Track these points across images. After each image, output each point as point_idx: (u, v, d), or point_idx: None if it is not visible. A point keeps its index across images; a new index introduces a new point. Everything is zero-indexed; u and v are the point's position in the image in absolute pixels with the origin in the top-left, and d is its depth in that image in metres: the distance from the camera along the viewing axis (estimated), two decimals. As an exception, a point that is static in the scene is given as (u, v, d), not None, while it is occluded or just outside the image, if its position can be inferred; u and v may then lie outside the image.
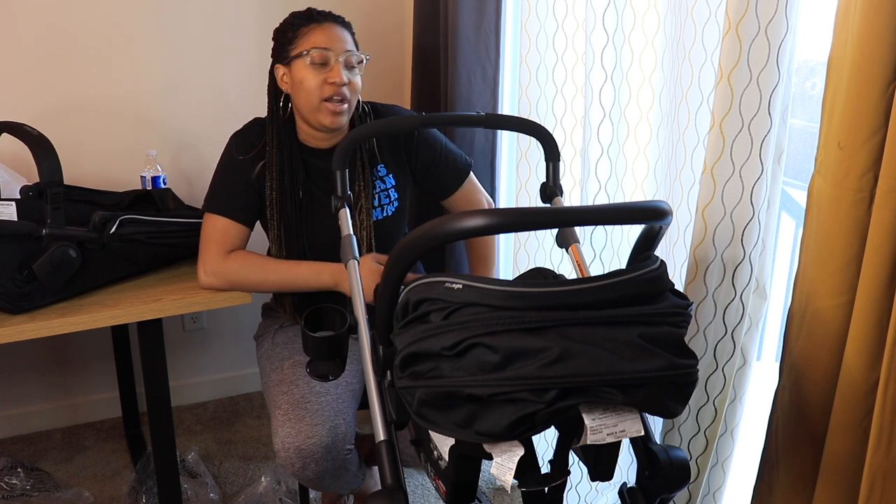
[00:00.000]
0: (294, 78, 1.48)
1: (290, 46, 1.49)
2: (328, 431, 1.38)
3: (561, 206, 1.47)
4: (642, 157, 1.45)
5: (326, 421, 1.39)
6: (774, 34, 1.05)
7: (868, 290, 0.94)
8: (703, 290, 1.23)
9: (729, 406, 1.29)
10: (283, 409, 1.42)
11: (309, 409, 1.40)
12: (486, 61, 1.89)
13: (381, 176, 1.61)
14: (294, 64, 1.48)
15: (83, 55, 2.00)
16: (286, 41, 1.50)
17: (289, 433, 1.38)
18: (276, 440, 1.39)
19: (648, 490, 1.04)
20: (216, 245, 1.52)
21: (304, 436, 1.37)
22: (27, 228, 1.39)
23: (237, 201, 1.54)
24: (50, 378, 2.24)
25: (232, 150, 1.56)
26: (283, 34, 1.52)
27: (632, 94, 1.42)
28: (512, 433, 0.85)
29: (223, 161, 1.58)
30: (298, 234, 1.55)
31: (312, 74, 1.46)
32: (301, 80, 1.47)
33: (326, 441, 1.37)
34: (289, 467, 1.39)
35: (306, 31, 1.48)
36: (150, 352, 1.56)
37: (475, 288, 0.87)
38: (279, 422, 1.40)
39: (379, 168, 1.60)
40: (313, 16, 1.50)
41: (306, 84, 1.46)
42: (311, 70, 1.46)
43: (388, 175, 1.62)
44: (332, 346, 1.14)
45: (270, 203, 1.53)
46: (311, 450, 1.36)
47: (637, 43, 1.38)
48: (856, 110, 0.92)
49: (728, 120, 1.11)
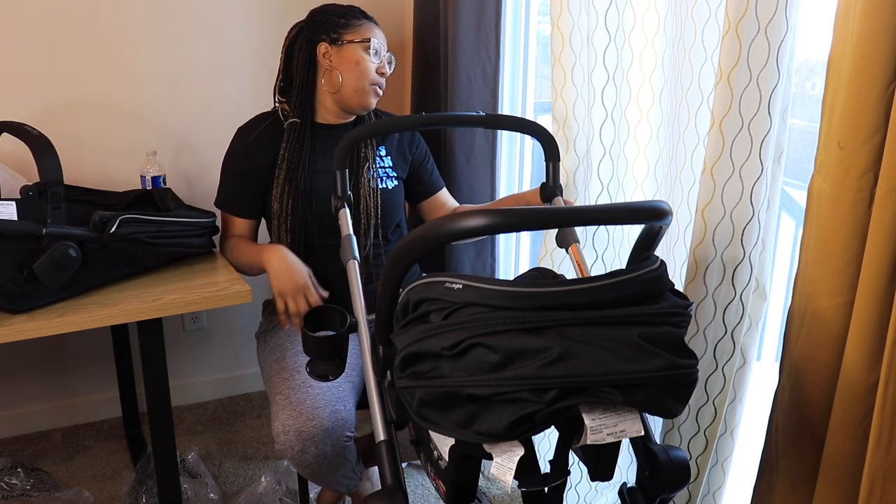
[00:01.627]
0: (346, 58, 1.62)
1: (343, 31, 1.62)
2: (329, 415, 1.38)
3: (561, 206, 1.47)
4: (642, 158, 1.45)
5: (328, 405, 1.40)
6: (774, 34, 1.05)
7: (868, 290, 0.94)
8: (702, 289, 1.23)
9: (729, 406, 1.29)
10: (284, 394, 1.42)
11: (310, 393, 1.41)
12: (486, 61, 1.89)
13: (381, 155, 1.73)
14: (348, 47, 1.62)
15: (83, 55, 2.00)
16: (338, 25, 1.63)
17: (289, 416, 1.38)
18: (276, 424, 1.39)
19: (648, 490, 1.04)
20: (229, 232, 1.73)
21: (304, 418, 1.37)
22: (27, 228, 1.39)
23: (240, 195, 1.69)
24: (50, 378, 2.23)
25: (235, 140, 1.70)
26: (334, 16, 1.64)
27: (632, 95, 1.42)
28: (512, 433, 0.85)
29: (226, 154, 1.71)
30: (305, 197, 1.64)
31: (368, 59, 1.62)
32: (358, 62, 1.62)
33: (327, 424, 1.37)
34: (288, 452, 1.38)
35: (361, 24, 1.64)
36: (150, 352, 1.56)
37: (475, 288, 0.87)
38: (280, 406, 1.40)
39: (379, 148, 1.73)
40: (365, 14, 1.68)
41: (363, 66, 1.62)
42: (367, 56, 1.62)
43: (386, 156, 1.74)
44: (333, 346, 1.14)
45: (282, 161, 1.63)
46: (311, 432, 1.36)
47: (637, 43, 1.38)
48: (856, 110, 0.92)
49: (728, 120, 1.11)
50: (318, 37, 1.63)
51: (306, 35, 1.65)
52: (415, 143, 1.80)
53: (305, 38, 1.65)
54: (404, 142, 1.78)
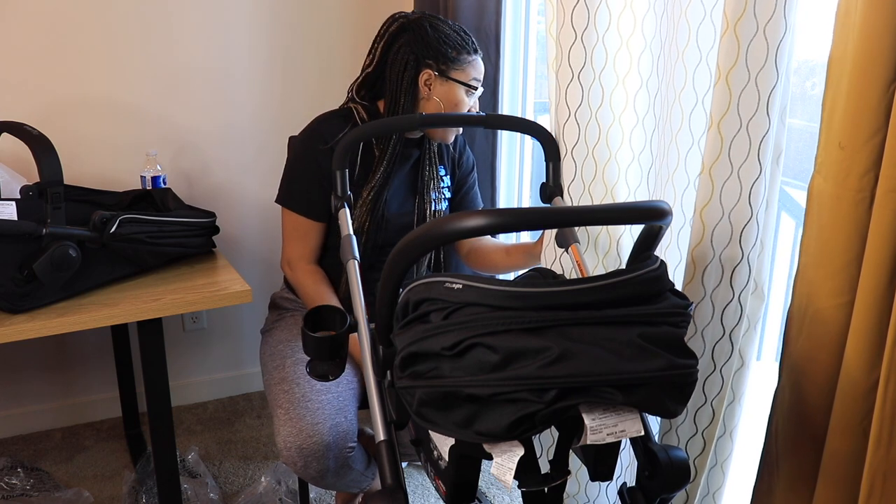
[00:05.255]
0: (447, 95, 1.58)
1: (453, 65, 1.57)
2: (329, 429, 1.38)
3: (561, 206, 1.47)
4: (635, 162, 1.45)
5: (328, 419, 1.40)
6: (773, 34, 1.04)
7: (868, 290, 0.94)
8: (701, 291, 1.23)
9: (727, 407, 1.29)
10: (285, 409, 1.42)
11: (310, 407, 1.41)
12: (486, 61, 1.89)
13: (441, 175, 1.73)
14: (452, 85, 1.58)
15: (83, 55, 2.00)
16: (448, 57, 1.56)
17: (290, 432, 1.38)
18: (279, 439, 1.40)
19: (648, 490, 1.04)
20: (300, 246, 1.64)
21: (305, 434, 1.37)
22: (27, 228, 1.39)
23: (315, 197, 1.60)
24: (50, 378, 2.23)
25: (311, 140, 1.61)
26: (447, 47, 1.56)
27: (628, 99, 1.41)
28: (512, 433, 0.85)
29: (300, 153, 1.63)
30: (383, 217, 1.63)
31: (467, 101, 1.60)
32: (457, 103, 1.59)
33: (328, 439, 1.38)
34: (291, 466, 1.39)
35: (470, 62, 1.59)
36: (150, 351, 1.56)
37: (475, 288, 0.87)
38: (281, 421, 1.41)
39: (440, 168, 1.72)
40: (476, 49, 1.61)
41: (460, 107, 1.59)
42: (466, 97, 1.60)
43: (445, 175, 1.74)
44: (333, 346, 1.14)
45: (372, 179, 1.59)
46: (312, 448, 1.37)
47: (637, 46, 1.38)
48: (856, 110, 0.92)
49: (726, 120, 1.10)
50: (424, 60, 1.56)
51: (411, 49, 1.56)
52: (464, 158, 1.78)
53: (410, 52, 1.56)
54: (455, 157, 1.76)
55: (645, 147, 1.41)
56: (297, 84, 2.25)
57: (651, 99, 1.37)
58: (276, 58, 2.20)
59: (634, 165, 1.44)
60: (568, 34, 1.37)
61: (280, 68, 2.21)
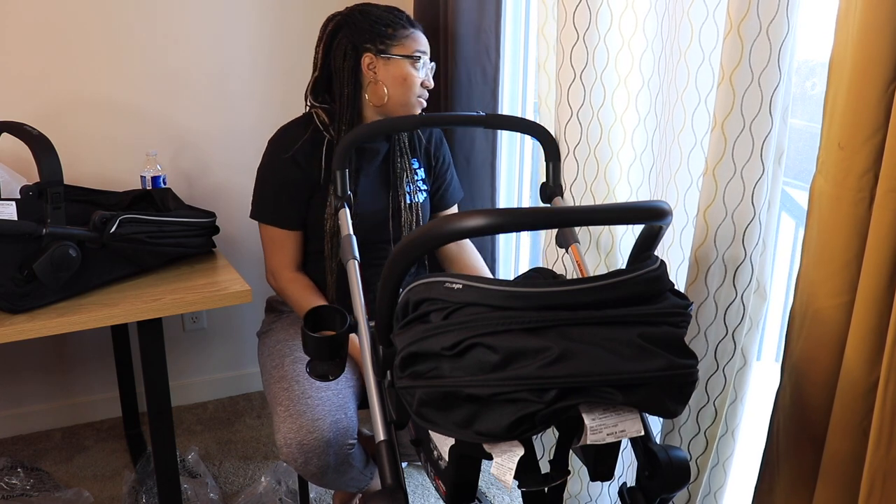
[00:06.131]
0: (393, 73, 1.57)
1: (391, 42, 1.56)
2: (330, 426, 1.38)
3: (561, 206, 1.47)
4: (637, 162, 1.45)
5: (328, 415, 1.40)
6: (776, 34, 1.04)
7: (868, 290, 0.94)
8: (704, 291, 1.23)
9: (729, 407, 1.29)
10: (284, 406, 1.42)
11: (310, 404, 1.41)
12: (486, 61, 1.89)
13: (415, 168, 1.72)
14: (395, 61, 1.56)
15: (83, 55, 2.00)
16: (384, 35, 1.56)
17: (290, 429, 1.38)
18: (279, 437, 1.39)
19: (648, 490, 1.04)
20: (279, 256, 1.64)
21: (305, 431, 1.37)
22: (27, 228, 1.39)
23: (285, 207, 1.61)
24: (50, 378, 2.23)
25: (274, 152, 1.62)
26: (380, 25, 1.57)
27: (630, 99, 1.41)
28: (512, 433, 0.85)
29: (266, 165, 1.63)
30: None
31: (415, 74, 1.58)
32: (405, 78, 1.57)
33: (328, 436, 1.38)
34: (291, 463, 1.39)
35: (408, 35, 1.58)
36: (150, 352, 1.56)
37: (475, 288, 0.87)
38: (280, 418, 1.41)
39: (413, 161, 1.71)
40: (411, 22, 1.61)
41: (410, 81, 1.57)
42: (414, 70, 1.58)
43: (419, 168, 1.73)
44: (333, 346, 1.14)
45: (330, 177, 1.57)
46: (312, 444, 1.37)
47: (638, 46, 1.38)
48: (856, 110, 0.92)
49: (730, 120, 1.10)
50: (362, 45, 1.56)
51: (348, 39, 1.57)
52: (441, 151, 1.77)
53: (348, 42, 1.57)
54: (430, 150, 1.75)
55: (647, 147, 1.41)
56: (298, 84, 2.24)
57: (653, 99, 1.37)
58: (276, 57, 2.20)
59: (636, 165, 1.44)
60: (570, 34, 1.37)
61: (280, 68, 2.21)
